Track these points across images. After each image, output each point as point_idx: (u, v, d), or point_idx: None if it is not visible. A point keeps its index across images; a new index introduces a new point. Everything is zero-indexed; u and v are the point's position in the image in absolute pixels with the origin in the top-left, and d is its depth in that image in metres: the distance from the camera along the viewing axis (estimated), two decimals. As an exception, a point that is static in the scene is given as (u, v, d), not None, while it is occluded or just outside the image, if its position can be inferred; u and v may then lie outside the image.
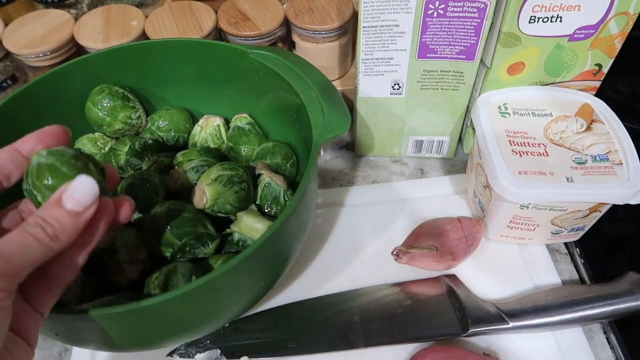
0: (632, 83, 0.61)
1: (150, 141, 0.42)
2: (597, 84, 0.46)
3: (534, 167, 0.39)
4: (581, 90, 0.46)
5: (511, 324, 0.38)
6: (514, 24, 0.40)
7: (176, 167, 0.40)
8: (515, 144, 0.41)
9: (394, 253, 0.42)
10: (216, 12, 0.53)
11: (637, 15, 0.40)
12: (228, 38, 0.52)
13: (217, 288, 0.30)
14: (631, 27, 0.41)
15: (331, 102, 0.39)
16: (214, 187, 0.36)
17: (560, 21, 0.40)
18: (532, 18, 0.40)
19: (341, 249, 0.46)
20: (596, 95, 0.46)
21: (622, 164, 0.39)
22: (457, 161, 0.53)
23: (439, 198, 0.49)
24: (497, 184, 0.39)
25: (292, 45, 0.55)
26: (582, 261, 0.45)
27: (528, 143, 0.41)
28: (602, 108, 0.43)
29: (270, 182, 0.39)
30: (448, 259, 0.41)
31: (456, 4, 0.39)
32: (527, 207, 0.40)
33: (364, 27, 0.41)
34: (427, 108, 0.47)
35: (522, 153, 0.40)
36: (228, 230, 0.37)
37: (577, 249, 0.45)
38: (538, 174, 0.39)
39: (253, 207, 0.39)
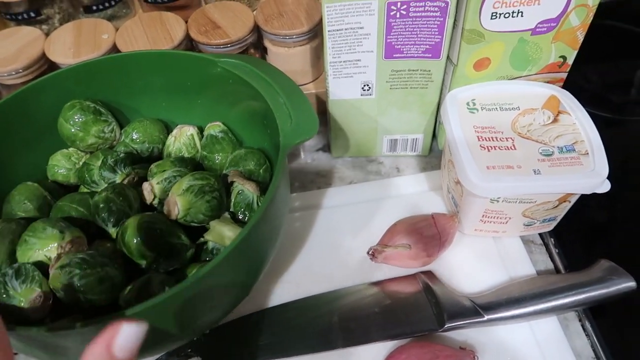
0: (603, 72, 0.62)
1: (122, 154, 0.42)
2: (564, 75, 0.46)
3: (502, 161, 0.40)
4: (548, 82, 0.46)
5: (486, 317, 0.39)
6: (476, 21, 0.41)
7: (150, 179, 0.41)
8: (483, 139, 0.41)
9: (370, 253, 0.42)
10: (187, 22, 0.53)
11: (596, 6, 0.41)
12: (199, 47, 0.53)
13: (190, 297, 0.30)
14: (591, 18, 0.41)
15: (299, 107, 0.39)
16: (186, 197, 0.36)
17: (522, 16, 0.41)
18: (494, 14, 0.40)
19: (320, 250, 0.46)
20: (568, 85, 0.47)
21: (588, 154, 0.40)
22: (433, 158, 0.53)
23: (416, 195, 0.49)
24: (466, 180, 0.39)
25: (264, 50, 0.55)
26: (557, 251, 0.45)
27: (496, 137, 0.42)
28: (568, 99, 0.44)
29: (243, 189, 0.40)
30: (422, 255, 0.41)
31: (418, 4, 0.40)
32: (498, 201, 0.41)
33: (328, 31, 0.42)
34: (398, 107, 0.48)
35: (490, 148, 0.41)
36: (202, 239, 0.38)
37: (552, 239, 0.46)
38: (506, 168, 0.39)
39: (226, 214, 0.39)
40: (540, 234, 0.47)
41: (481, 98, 0.44)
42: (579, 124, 0.42)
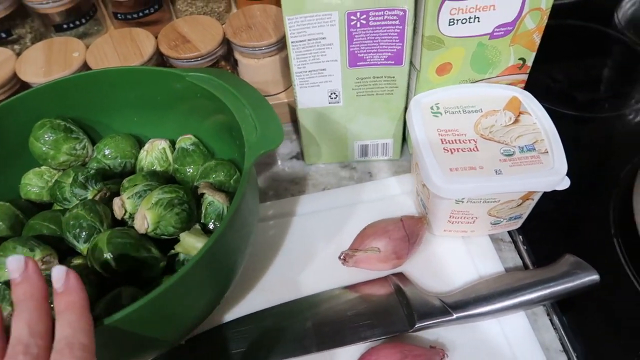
0: (569, 71, 0.63)
1: (93, 171, 0.43)
2: (524, 77, 0.48)
3: (465, 163, 0.41)
4: (510, 84, 0.48)
5: (455, 316, 0.40)
6: (435, 28, 0.42)
7: (122, 194, 0.41)
8: (446, 142, 0.42)
9: (341, 257, 0.43)
10: (157, 37, 0.54)
11: (549, 9, 0.42)
12: (170, 62, 0.53)
13: (158, 309, 0.31)
14: (546, 21, 0.43)
15: (265, 118, 0.40)
16: (155, 211, 0.37)
17: (479, 21, 0.42)
18: (451, 20, 0.42)
19: (294, 257, 0.47)
20: (535, 85, 0.48)
21: (547, 152, 0.41)
22: (404, 161, 0.54)
23: (387, 199, 0.50)
24: (430, 183, 0.40)
25: (235, 63, 0.56)
26: (525, 248, 0.47)
27: (459, 140, 0.43)
28: (528, 100, 0.45)
29: (213, 200, 0.40)
30: (392, 258, 0.42)
31: (377, 13, 0.41)
32: (463, 202, 0.42)
33: (292, 42, 0.43)
34: (366, 113, 0.49)
35: (453, 150, 0.42)
36: (172, 251, 0.38)
37: (520, 237, 0.47)
38: (469, 169, 0.41)
39: (197, 226, 0.40)
40: (509, 232, 0.48)
41: (445, 102, 0.46)
42: (539, 123, 0.43)
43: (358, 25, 0.42)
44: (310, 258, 0.46)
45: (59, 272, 0.28)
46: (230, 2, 0.62)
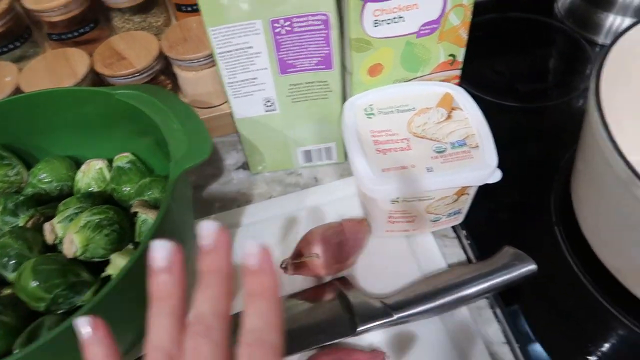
0: (511, 62, 0.64)
1: (22, 197, 0.42)
2: (457, 72, 0.48)
3: (397, 162, 0.41)
4: (443, 80, 0.48)
5: (396, 316, 0.40)
6: (360, 30, 0.42)
7: (54, 218, 0.41)
8: (379, 143, 0.42)
9: (282, 266, 0.43)
10: (93, 56, 0.54)
11: (472, 4, 0.42)
12: (106, 80, 0.53)
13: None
14: (471, 17, 0.43)
15: (193, 132, 0.40)
16: (83, 233, 0.37)
17: (404, 21, 0.42)
18: (376, 22, 0.42)
19: (239, 269, 0.46)
20: (477, 78, 0.49)
21: (478, 146, 0.42)
22: (349, 164, 0.54)
23: (333, 203, 0.50)
24: (362, 185, 0.40)
25: (174, 76, 0.56)
26: (469, 242, 0.47)
27: (392, 140, 0.43)
28: (461, 95, 0.45)
29: (147, 218, 0.40)
30: (333, 263, 0.42)
31: (300, 19, 0.41)
32: (398, 202, 0.42)
33: (218, 53, 0.43)
34: (304, 119, 0.49)
35: (386, 151, 0.42)
36: (104, 273, 0.38)
37: (464, 231, 0.48)
38: (401, 169, 0.41)
39: (130, 246, 0.39)
40: (453, 228, 0.48)
41: (378, 102, 0.46)
42: (471, 118, 0.44)
43: (283, 32, 0.42)
44: (256, 268, 0.46)
45: (253, 248, 0.24)
46: (170, 16, 0.62)
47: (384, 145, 0.42)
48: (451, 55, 0.46)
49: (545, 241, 0.47)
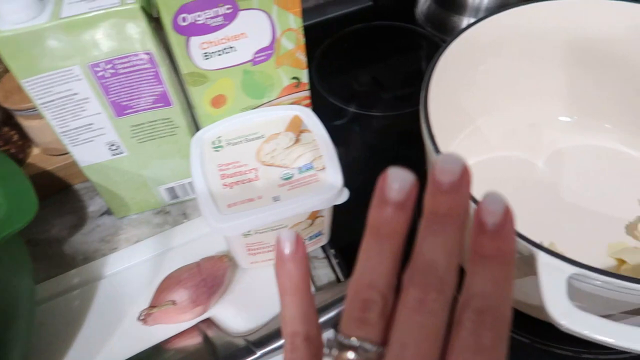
0: (377, 71, 0.65)
1: None
2: (306, 93, 0.48)
3: (244, 195, 0.40)
4: (293, 103, 0.48)
5: (259, 353, 0.39)
6: (191, 64, 0.41)
7: None
8: (226, 177, 0.41)
9: (141, 318, 0.41)
10: None
11: (302, 28, 0.42)
12: (-63, 139, 0.49)
13: None
14: (304, 40, 0.43)
15: (14, 191, 0.37)
16: None
17: (235, 51, 0.41)
18: (206, 54, 0.41)
19: (101, 325, 0.44)
20: (340, 92, 0.48)
21: (325, 168, 0.41)
22: (220, 194, 0.53)
23: (199, 240, 0.49)
24: (208, 223, 0.39)
25: (19, 126, 0.52)
26: (337, 261, 0.47)
27: (240, 172, 0.42)
28: (308, 117, 0.45)
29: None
30: (192, 307, 0.41)
31: (122, 60, 0.39)
32: (251, 234, 0.41)
33: (40, 104, 0.40)
34: (158, 157, 0.47)
35: (233, 184, 0.41)
36: None
37: (332, 251, 0.48)
38: (247, 202, 0.40)
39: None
40: (322, 248, 0.48)
41: (227, 134, 0.45)
42: (319, 139, 0.44)
43: (108, 75, 0.40)
44: (118, 322, 0.44)
45: (496, 203, 0.20)
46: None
47: (231, 178, 0.41)
48: (294, 78, 0.46)
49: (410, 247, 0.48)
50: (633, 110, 0.50)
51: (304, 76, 0.46)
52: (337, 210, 0.47)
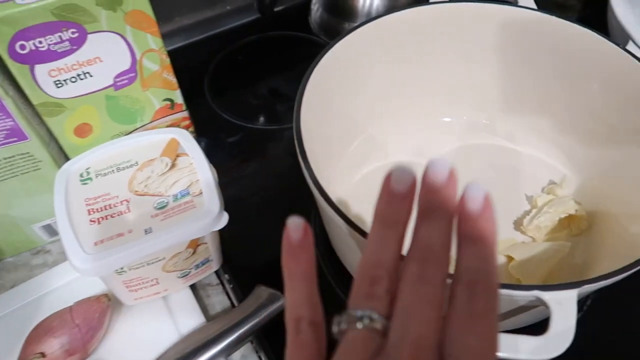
0: (271, 84, 0.64)
1: None
2: (184, 114, 0.46)
3: (113, 231, 0.37)
4: (171, 125, 0.46)
5: (142, 397, 0.37)
6: (42, 94, 0.38)
7: None
8: (94, 212, 0.38)
9: (7, 376, 0.37)
10: None
11: (163, 48, 0.40)
12: None
13: None
14: (168, 60, 0.41)
15: None
16: None
17: (92, 76, 0.39)
18: (58, 82, 0.38)
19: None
20: (233, 108, 0.47)
21: (201, 193, 0.39)
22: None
23: (82, 279, 0.44)
24: (72, 265, 0.36)
25: None
26: (231, 286, 0.45)
27: (110, 205, 0.39)
28: (185, 139, 0.43)
29: None
30: (65, 357, 0.37)
31: (-41, 95, 0.36)
32: (125, 271, 0.38)
33: None
34: (24, 195, 0.43)
35: (101, 220, 0.38)
36: None
37: (226, 275, 0.45)
38: (116, 237, 0.37)
39: None
40: (216, 274, 0.46)
41: (96, 164, 0.41)
42: (196, 163, 0.42)
43: (-56, 112, 0.36)
44: (-10, 381, 0.40)
45: (477, 191, 0.23)
46: None
47: (99, 213, 0.38)
48: (167, 100, 0.44)
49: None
50: (510, 106, 0.52)
51: (178, 97, 0.44)
52: (230, 231, 0.45)
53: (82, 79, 0.38)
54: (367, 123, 0.53)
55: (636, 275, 0.31)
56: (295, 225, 0.25)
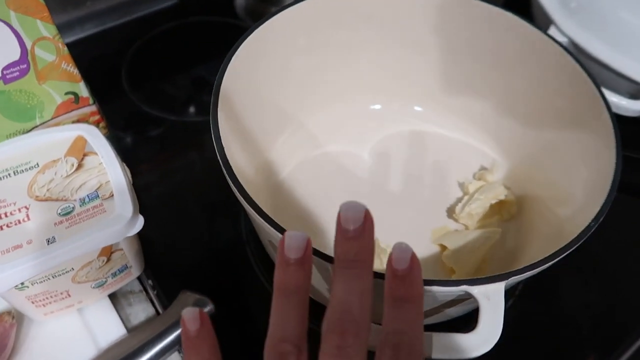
0: (194, 73, 0.60)
1: None
2: (91, 108, 0.42)
3: (10, 242, 0.33)
4: (78, 121, 0.41)
5: None
6: None
7: None
8: (-12, 222, 0.34)
9: None
10: None
11: (58, 35, 0.36)
12: None
13: None
14: (66, 49, 0.37)
15: None
16: None
17: (-25, 68, 0.34)
18: None
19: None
20: (157, 100, 0.43)
21: (112, 196, 0.36)
22: None
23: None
24: (-39, 285, 0.32)
25: None
26: (155, 292, 0.42)
27: (5, 213, 0.34)
28: (93, 137, 0.39)
29: None
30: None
31: None
32: (27, 287, 0.34)
33: None
34: None
35: (-3, 230, 0.34)
36: None
37: (150, 281, 0.42)
38: (13, 250, 0.33)
39: None
40: (139, 280, 0.43)
41: (-10, 167, 0.37)
42: (105, 162, 0.38)
43: None
44: None
45: (404, 252, 0.23)
46: None
47: (-6, 223, 0.34)
48: (70, 93, 0.39)
49: (239, 262, 0.44)
50: (440, 92, 0.51)
51: (82, 90, 0.40)
52: (153, 233, 0.42)
53: (-37, 73, 0.34)
54: (297, 113, 0.50)
55: (565, 258, 0.31)
56: (190, 317, 0.25)
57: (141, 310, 0.41)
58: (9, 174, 0.37)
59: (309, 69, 0.48)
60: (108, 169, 0.37)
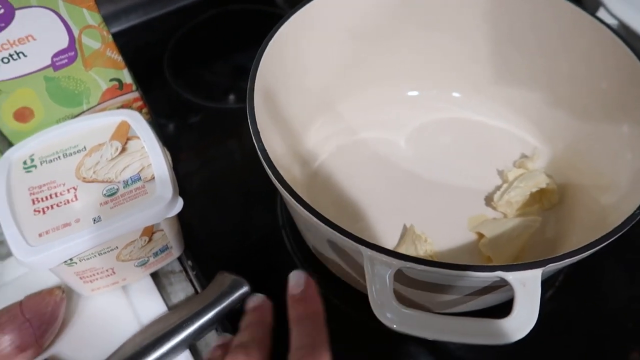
0: (233, 61, 0.60)
1: None
2: (134, 95, 0.43)
3: (59, 221, 0.35)
4: (122, 107, 0.43)
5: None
6: (-31, 77, 0.35)
7: None
8: (39, 201, 0.36)
9: (-48, 377, 0.35)
10: None
11: (103, 23, 0.37)
12: None
13: None
14: (110, 37, 0.38)
15: None
16: None
17: (26, 56, 0.36)
18: (-14, 64, 0.35)
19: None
20: (195, 87, 0.45)
21: (154, 178, 0.37)
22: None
23: (27, 276, 0.42)
24: (16, 258, 0.34)
25: None
26: (194, 273, 0.43)
27: (55, 194, 0.36)
28: (136, 122, 0.41)
29: None
30: (17, 352, 0.35)
31: None
32: (75, 263, 0.36)
33: None
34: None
35: (46, 209, 0.36)
36: None
37: (189, 262, 0.44)
38: (62, 228, 0.35)
39: None
40: (179, 260, 0.44)
41: (41, 150, 0.39)
42: (147, 146, 0.39)
43: None
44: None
45: (297, 277, 0.29)
46: None
47: (45, 202, 0.36)
48: (114, 80, 0.41)
49: (276, 247, 0.45)
50: (480, 79, 0.50)
51: (126, 76, 0.41)
52: (193, 216, 0.43)
53: (15, 60, 0.35)
54: (333, 99, 0.50)
55: (609, 249, 0.30)
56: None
57: (181, 289, 0.43)
58: (59, 157, 0.39)
59: (345, 55, 0.48)
60: (150, 153, 0.39)
